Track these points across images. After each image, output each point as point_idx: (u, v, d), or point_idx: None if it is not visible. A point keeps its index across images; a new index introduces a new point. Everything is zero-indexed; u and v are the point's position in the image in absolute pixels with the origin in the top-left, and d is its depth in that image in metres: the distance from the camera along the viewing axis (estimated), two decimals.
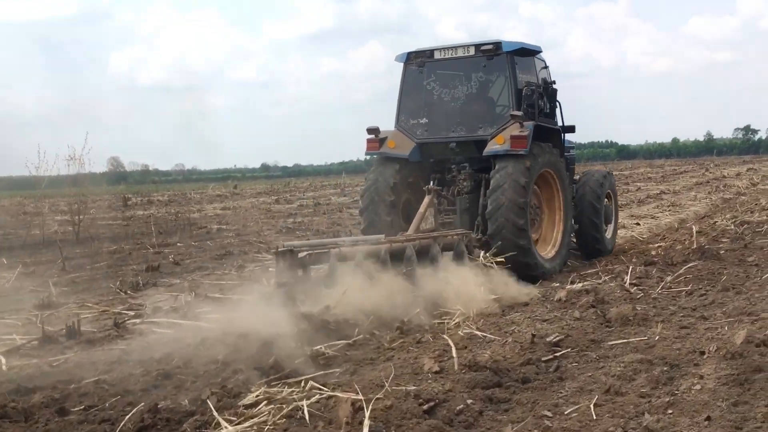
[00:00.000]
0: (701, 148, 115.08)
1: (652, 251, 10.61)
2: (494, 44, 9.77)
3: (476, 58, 9.92)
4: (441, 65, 10.21)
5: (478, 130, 9.86)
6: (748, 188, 24.48)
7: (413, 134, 10.16)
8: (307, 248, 7.40)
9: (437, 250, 8.22)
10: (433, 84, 10.24)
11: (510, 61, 9.78)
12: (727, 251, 10.26)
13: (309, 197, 35.61)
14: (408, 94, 10.36)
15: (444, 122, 10.13)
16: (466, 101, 10.10)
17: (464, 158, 10.06)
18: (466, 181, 9.90)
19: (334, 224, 19.50)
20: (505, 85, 9.85)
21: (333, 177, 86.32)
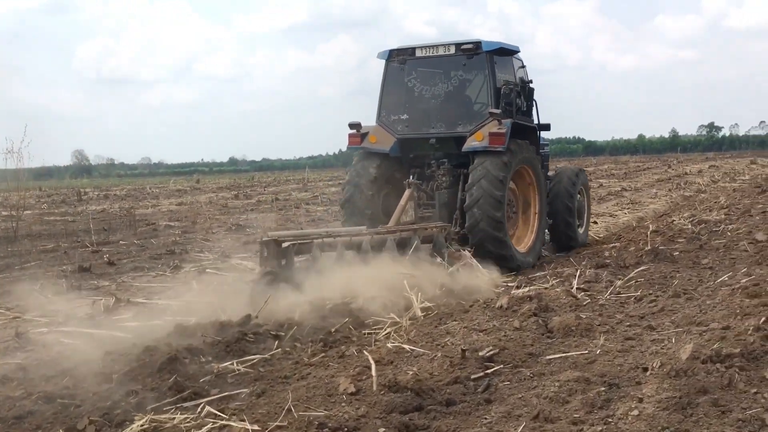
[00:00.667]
0: (666, 145, 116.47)
1: (605, 252, 10.21)
2: (474, 44, 10.04)
3: (456, 56, 10.18)
4: (422, 63, 10.44)
5: (457, 126, 10.13)
6: (708, 185, 24.39)
7: (394, 130, 10.38)
8: (291, 238, 7.74)
9: (417, 242, 8.54)
10: (414, 81, 10.47)
11: (489, 61, 10.03)
12: (682, 252, 9.89)
13: (270, 192, 34.97)
14: (389, 91, 10.58)
15: (424, 119, 10.39)
16: (446, 98, 10.36)
17: (443, 154, 10.26)
18: (445, 176, 10.12)
19: (287, 221, 18.91)
20: (484, 84, 10.10)
21: (300, 172, 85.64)
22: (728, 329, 5.51)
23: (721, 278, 7.81)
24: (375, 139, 10.33)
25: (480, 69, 10.15)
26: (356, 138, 10.44)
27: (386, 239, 8.40)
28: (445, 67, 10.36)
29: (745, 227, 12.28)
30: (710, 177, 28.38)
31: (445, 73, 10.37)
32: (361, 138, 10.39)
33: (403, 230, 8.85)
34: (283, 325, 6.39)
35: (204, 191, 39.55)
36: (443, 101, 10.40)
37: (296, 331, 6.23)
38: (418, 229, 8.96)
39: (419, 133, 10.35)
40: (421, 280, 7.89)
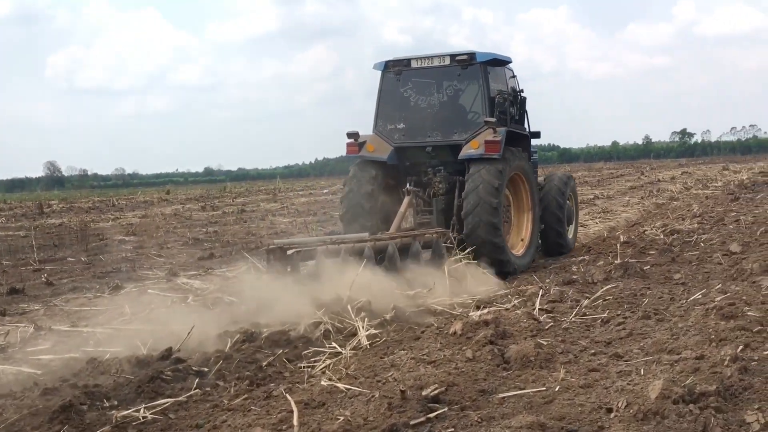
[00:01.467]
0: (640, 151, 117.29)
1: (573, 266, 9.62)
2: (468, 55, 10.29)
3: (451, 67, 10.42)
4: (417, 74, 10.68)
5: (453, 135, 10.35)
6: (681, 192, 24.04)
7: (391, 138, 10.60)
8: (295, 246, 7.98)
9: (417, 248, 8.90)
10: (410, 91, 10.70)
11: (483, 71, 10.31)
12: (653, 266, 9.34)
13: (238, 203, 34.18)
14: (385, 101, 10.80)
15: (420, 127, 10.61)
16: (441, 108, 10.62)
17: (439, 162, 10.51)
18: (442, 183, 10.38)
19: (249, 234, 18.19)
20: (478, 93, 10.33)
21: (277, 181, 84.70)
22: (702, 359, 4.92)
23: (694, 296, 7.25)
24: (372, 147, 10.51)
25: (474, 79, 10.40)
26: (354, 147, 10.59)
27: (388, 245, 8.68)
28: (440, 77, 10.64)
29: (719, 237, 11.80)
30: (683, 184, 28.07)
31: (440, 84, 10.66)
32: (358, 147, 10.54)
33: (404, 236, 9.13)
34: (210, 359, 5.69)
35: (172, 203, 38.61)
36: (439, 110, 10.64)
37: (223, 366, 5.53)
38: (418, 235, 9.28)
39: (415, 141, 10.57)
40: (377, 297, 7.31)
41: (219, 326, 6.80)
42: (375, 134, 10.71)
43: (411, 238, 9.09)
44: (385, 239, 8.84)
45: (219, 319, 7.39)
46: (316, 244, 8.36)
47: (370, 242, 8.54)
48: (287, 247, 7.92)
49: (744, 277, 7.66)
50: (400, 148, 10.57)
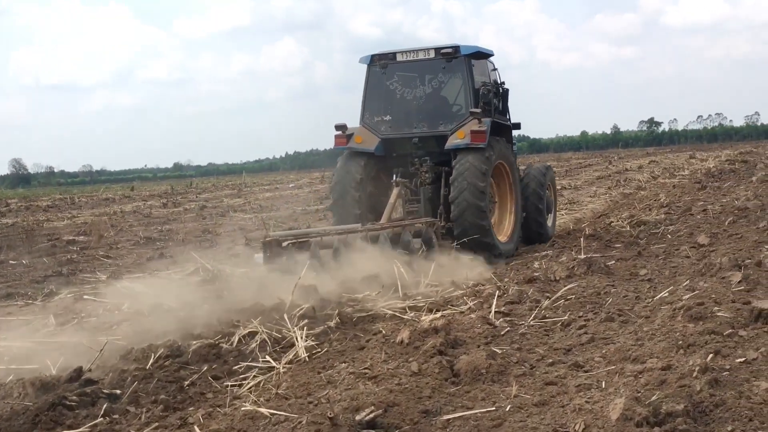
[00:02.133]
0: (609, 141, 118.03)
1: (535, 262, 9.14)
2: (453, 48, 10.49)
3: (436, 60, 10.61)
4: (403, 67, 10.89)
5: (438, 126, 10.59)
6: (648, 182, 23.79)
7: (378, 130, 10.76)
8: (290, 238, 8.33)
9: (408, 237, 9.15)
10: (396, 84, 10.91)
11: (467, 64, 10.52)
12: (619, 261, 8.90)
13: (202, 199, 33.35)
14: (372, 94, 10.98)
15: (406, 119, 10.82)
16: (426, 100, 10.84)
17: (425, 152, 10.67)
18: (428, 173, 10.56)
19: (205, 231, 17.48)
20: (463, 85, 10.57)
21: (250, 175, 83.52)
22: (669, 369, 4.45)
23: (660, 294, 6.80)
24: (360, 139, 10.69)
25: (459, 71, 10.60)
26: (342, 139, 10.75)
27: (379, 235, 8.90)
28: (425, 70, 10.83)
29: (686, 228, 11.43)
30: (650, 173, 27.88)
31: (426, 76, 10.85)
32: (346, 138, 10.72)
33: (395, 226, 9.40)
34: (127, 378, 5.08)
35: (134, 199, 37.58)
36: (424, 102, 10.85)
37: (140, 387, 4.93)
38: (408, 225, 9.58)
39: (402, 133, 10.75)
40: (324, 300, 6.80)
41: (147, 338, 6.20)
42: (362, 126, 10.87)
43: (402, 227, 9.39)
44: (376, 229, 9.10)
45: (151, 328, 6.78)
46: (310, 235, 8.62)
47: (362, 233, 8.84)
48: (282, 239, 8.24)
49: (713, 272, 7.23)
50: (387, 139, 10.73)
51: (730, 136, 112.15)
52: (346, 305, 7.05)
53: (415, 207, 10.57)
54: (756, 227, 10.34)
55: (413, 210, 10.55)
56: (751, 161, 30.02)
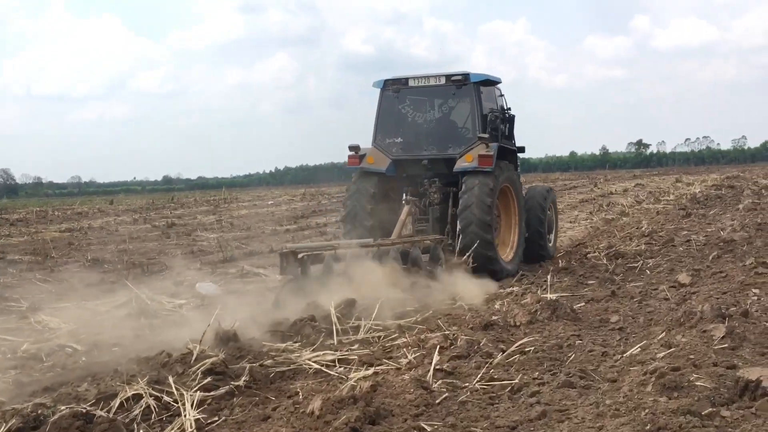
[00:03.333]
0: (597, 162, 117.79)
1: (497, 302, 8.15)
2: (463, 75, 10.96)
3: (447, 86, 11.06)
4: (414, 92, 11.37)
5: (447, 149, 11.02)
6: (632, 207, 22.92)
7: (389, 152, 11.21)
8: (306, 250, 8.58)
9: (417, 253, 9.52)
10: (408, 108, 11.38)
11: (476, 91, 10.93)
12: (589, 303, 7.95)
13: (175, 215, 32.29)
14: (384, 116, 11.42)
15: (417, 142, 11.27)
16: (436, 124, 11.34)
17: (434, 174, 11.12)
18: (437, 193, 11.02)
19: (161, 253, 16.43)
20: (471, 111, 10.97)
21: (236, 190, 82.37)
22: None
23: (632, 349, 5.84)
24: (372, 160, 11.13)
25: (468, 98, 11.01)
26: (355, 159, 11.26)
27: (390, 250, 9.24)
28: (436, 95, 11.36)
29: (667, 263, 10.52)
30: (635, 197, 27.04)
31: (436, 101, 11.39)
32: (359, 159, 11.20)
33: (406, 242, 9.81)
34: None
35: (108, 214, 36.49)
36: (434, 126, 11.32)
37: None
38: (417, 241, 9.95)
39: (412, 154, 11.19)
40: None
41: (22, 394, 5.17)
42: (374, 147, 11.31)
43: (411, 243, 9.77)
44: (387, 244, 9.46)
45: (32, 381, 5.77)
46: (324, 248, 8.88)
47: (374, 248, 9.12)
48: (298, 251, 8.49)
49: (693, 322, 6.27)
50: (398, 160, 11.17)
51: (717, 159, 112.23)
52: (267, 355, 6.04)
53: (423, 226, 10.98)
54: (742, 264, 9.44)
55: (422, 229, 10.95)
56: (738, 186, 29.29)
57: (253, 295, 9.97)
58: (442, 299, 8.47)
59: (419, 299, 8.25)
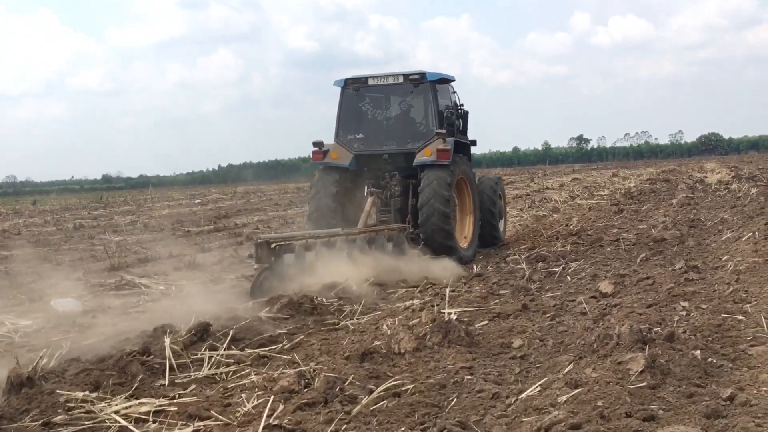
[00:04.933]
0: (539, 157, 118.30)
1: (386, 322, 6.84)
2: (420, 74, 11.54)
3: (405, 85, 11.64)
4: (374, 90, 11.91)
5: (407, 144, 11.61)
6: (565, 202, 22.05)
7: (351, 147, 11.69)
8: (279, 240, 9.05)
9: (383, 240, 10.12)
10: (368, 105, 12.00)
11: (432, 88, 11.53)
12: (494, 320, 6.73)
13: (92, 216, 30.26)
14: (345, 114, 11.93)
15: (377, 138, 11.85)
16: (395, 120, 11.97)
17: (394, 167, 11.62)
18: (397, 186, 11.50)
19: (44, 260, 14.69)
20: (428, 108, 11.60)
21: (174, 189, 79.53)
22: None
23: (530, 389, 4.61)
24: (335, 155, 11.54)
25: (425, 95, 11.60)
26: (319, 154, 11.61)
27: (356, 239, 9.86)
28: (395, 93, 11.92)
29: (591, 267, 9.44)
30: (569, 192, 26.23)
31: (395, 99, 11.99)
32: (323, 154, 11.57)
33: (371, 230, 10.35)
34: None
35: (22, 215, 34.16)
36: (393, 122, 11.94)
37: None
38: (382, 230, 10.48)
39: (373, 149, 11.73)
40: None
41: None
42: (336, 143, 11.73)
43: (376, 232, 10.30)
44: (355, 233, 9.99)
45: None
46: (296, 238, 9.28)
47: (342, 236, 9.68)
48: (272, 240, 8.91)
49: (607, 349, 5.10)
50: (360, 155, 11.63)
51: (655, 154, 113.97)
52: (63, 407, 4.61)
53: (385, 216, 11.47)
54: (672, 269, 8.39)
55: (384, 219, 11.43)
56: (673, 180, 28.85)
57: (114, 314, 8.53)
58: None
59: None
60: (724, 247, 9.94)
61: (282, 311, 7.21)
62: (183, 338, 5.94)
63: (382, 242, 10.10)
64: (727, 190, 20.47)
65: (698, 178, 27.92)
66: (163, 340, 5.87)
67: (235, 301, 8.67)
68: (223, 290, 9.93)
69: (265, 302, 7.69)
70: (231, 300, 8.84)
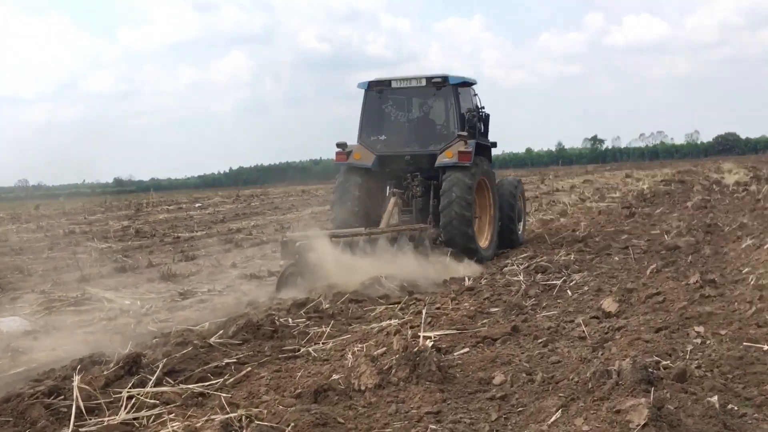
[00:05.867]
0: (553, 158, 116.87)
1: (352, 350, 5.91)
2: (442, 78, 11.63)
3: (427, 87, 11.77)
4: (397, 92, 12.08)
5: (429, 146, 11.74)
6: (575, 205, 21.05)
7: (374, 148, 11.84)
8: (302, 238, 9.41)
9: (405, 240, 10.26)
10: (391, 108, 12.17)
11: (454, 92, 11.69)
12: (476, 347, 5.79)
13: (89, 221, 29.54)
14: (368, 115, 12.13)
15: (399, 139, 12.03)
16: (418, 122, 12.23)
17: (416, 168, 11.76)
18: (419, 187, 11.68)
19: (15, 270, 13.84)
20: (450, 110, 11.80)
21: (187, 191, 78.94)
22: None
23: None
24: (359, 156, 11.72)
25: (447, 98, 11.81)
26: (343, 155, 11.78)
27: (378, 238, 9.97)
28: (417, 96, 12.17)
29: (596, 280, 8.48)
30: (580, 195, 25.19)
31: (418, 101, 12.26)
32: (346, 155, 11.72)
33: (394, 230, 10.52)
34: None
35: (21, 221, 33.54)
36: (416, 124, 12.23)
37: None
38: (404, 230, 10.63)
39: (395, 151, 11.88)
40: None
41: None
42: (359, 144, 11.91)
43: (398, 231, 10.52)
44: (378, 232, 10.20)
45: None
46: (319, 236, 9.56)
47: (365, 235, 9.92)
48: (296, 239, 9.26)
49: (604, 391, 4.16)
50: (382, 156, 11.78)
51: (671, 154, 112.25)
52: None
53: (407, 216, 11.76)
54: (686, 283, 7.42)
55: (406, 219, 11.71)
56: (689, 182, 27.72)
57: (60, 335, 7.67)
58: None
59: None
60: (744, 257, 8.95)
61: (238, 335, 6.32)
62: (108, 372, 5.05)
63: (404, 242, 10.20)
64: (746, 191, 19.38)
65: (715, 179, 26.79)
66: (88, 372, 5.00)
67: (196, 319, 7.82)
68: (189, 305, 9.08)
69: (221, 323, 6.81)
70: (192, 318, 7.99)
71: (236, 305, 8.52)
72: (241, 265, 13.15)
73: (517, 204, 13.03)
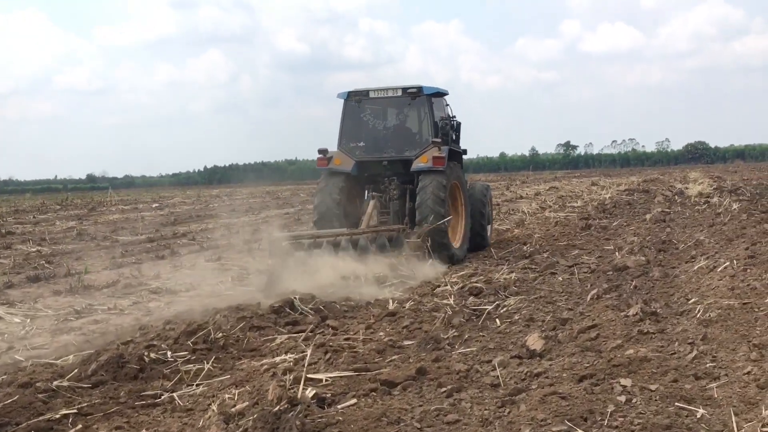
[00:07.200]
0: (526, 163, 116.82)
1: (215, 404, 4.97)
2: (417, 88, 12.40)
3: (403, 97, 12.58)
4: (374, 102, 12.81)
5: (404, 152, 12.52)
6: (534, 214, 20.31)
7: (353, 154, 12.56)
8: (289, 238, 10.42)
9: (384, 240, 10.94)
10: (369, 116, 12.92)
11: (428, 101, 12.48)
12: (365, 398, 4.89)
13: (36, 220, 28.25)
14: (347, 123, 12.80)
15: (377, 146, 12.78)
16: (394, 130, 12.98)
17: (393, 173, 12.53)
18: (396, 190, 12.46)
19: None
20: (424, 119, 12.56)
21: (159, 188, 77.30)
22: None
23: None
24: (339, 161, 12.38)
25: (421, 107, 12.51)
26: (324, 161, 12.44)
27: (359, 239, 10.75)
28: (394, 105, 12.88)
29: (530, 306, 7.64)
30: (541, 203, 24.47)
31: (394, 111, 12.99)
32: (327, 161, 12.38)
33: (373, 231, 11.17)
34: None
35: None
36: (392, 132, 12.91)
37: None
38: (383, 231, 11.24)
39: (373, 156, 12.57)
40: None
41: None
42: (339, 150, 12.59)
43: (377, 232, 11.08)
44: (359, 233, 10.88)
45: None
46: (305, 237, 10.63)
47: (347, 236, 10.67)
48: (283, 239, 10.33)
49: None
50: (361, 162, 12.46)
51: (642, 161, 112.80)
52: None
53: (385, 218, 12.35)
54: (625, 314, 6.60)
55: (384, 221, 12.28)
56: (653, 191, 27.16)
57: None
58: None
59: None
60: (695, 281, 8.18)
61: (97, 374, 5.36)
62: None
63: (382, 242, 10.79)
64: (707, 204, 18.76)
65: (678, 190, 26.23)
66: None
67: (78, 345, 6.84)
68: (78, 327, 8.07)
69: (87, 356, 5.84)
70: (73, 344, 7.00)
71: (128, 330, 7.55)
72: (165, 276, 12.18)
73: (487, 208, 13.74)
